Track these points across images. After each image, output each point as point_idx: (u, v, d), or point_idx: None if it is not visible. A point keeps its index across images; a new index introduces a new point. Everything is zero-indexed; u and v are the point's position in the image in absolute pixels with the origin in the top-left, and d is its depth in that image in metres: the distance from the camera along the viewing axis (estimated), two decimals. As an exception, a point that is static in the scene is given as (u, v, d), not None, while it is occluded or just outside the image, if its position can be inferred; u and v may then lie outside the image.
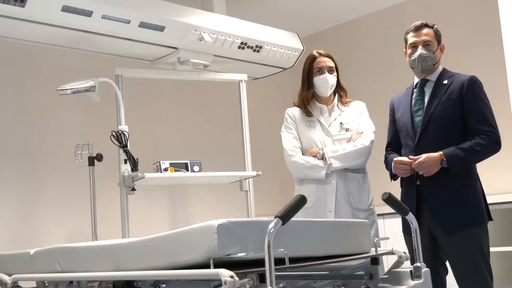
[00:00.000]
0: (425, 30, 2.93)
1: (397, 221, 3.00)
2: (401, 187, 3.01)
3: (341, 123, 3.25)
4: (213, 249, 1.74)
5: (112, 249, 2.17)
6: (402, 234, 2.96)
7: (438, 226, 2.79)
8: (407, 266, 2.20)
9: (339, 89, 3.36)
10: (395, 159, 2.90)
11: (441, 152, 2.78)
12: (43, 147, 4.34)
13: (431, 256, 2.80)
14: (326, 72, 3.25)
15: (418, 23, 2.96)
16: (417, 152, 2.86)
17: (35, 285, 2.75)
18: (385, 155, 3.11)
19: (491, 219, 2.86)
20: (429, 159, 2.77)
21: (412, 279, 2.11)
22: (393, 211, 2.21)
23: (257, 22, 4.23)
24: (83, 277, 2.31)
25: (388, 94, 5.21)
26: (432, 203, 2.81)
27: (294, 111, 3.33)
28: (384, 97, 5.22)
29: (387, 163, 3.03)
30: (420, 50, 2.91)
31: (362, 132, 3.23)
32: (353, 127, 3.25)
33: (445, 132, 2.84)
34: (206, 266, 1.76)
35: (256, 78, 4.65)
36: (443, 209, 2.78)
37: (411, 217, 2.18)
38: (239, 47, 4.04)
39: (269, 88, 5.38)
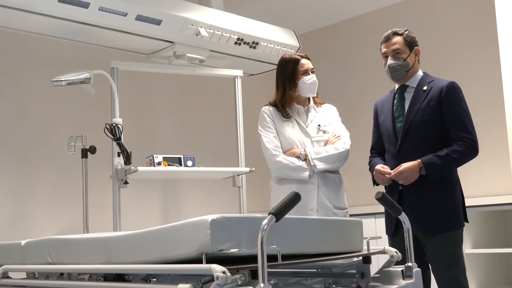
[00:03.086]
0: (394, 39, 2.97)
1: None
2: (385, 189, 3.05)
3: (318, 125, 3.28)
4: (206, 244, 1.74)
5: (104, 242, 2.17)
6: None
7: (418, 229, 2.82)
8: (398, 265, 2.20)
9: None
10: (376, 167, 2.96)
11: (419, 160, 2.83)
12: (36, 138, 4.32)
13: (416, 256, 2.84)
14: (311, 73, 3.26)
15: (388, 32, 3.01)
16: (399, 158, 2.90)
17: (25, 277, 2.75)
18: (369, 157, 3.16)
19: (467, 221, 2.92)
20: (407, 169, 2.83)
21: (403, 279, 2.12)
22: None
23: (254, 18, 4.22)
24: (74, 269, 2.30)
25: (386, 92, 5.22)
26: (412, 207, 2.83)
27: (271, 110, 3.31)
28: (381, 95, 5.24)
29: (370, 168, 3.08)
30: (388, 61, 2.98)
31: (339, 136, 3.28)
32: (329, 130, 3.30)
33: (426, 138, 2.89)
34: (198, 261, 1.76)
35: (251, 75, 4.65)
36: (423, 213, 2.83)
37: (403, 216, 2.19)
38: (236, 43, 4.04)
39: (264, 84, 5.37)
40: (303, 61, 3.26)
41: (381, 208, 3.02)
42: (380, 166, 2.94)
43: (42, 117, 4.36)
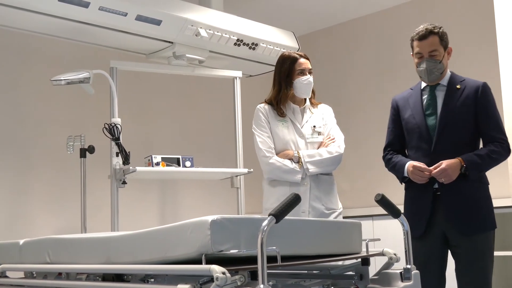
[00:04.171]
0: (430, 39, 2.85)
1: (387, 223, 3.00)
2: (406, 189, 2.99)
3: (313, 126, 3.24)
4: (206, 245, 1.74)
5: (103, 242, 2.16)
6: (391, 235, 2.97)
7: (454, 229, 2.80)
8: (397, 267, 2.20)
9: None
10: (415, 164, 2.83)
11: (460, 158, 2.78)
12: (35, 137, 4.31)
13: (441, 258, 2.85)
14: (308, 74, 3.22)
15: (422, 30, 2.87)
16: (433, 156, 2.83)
17: (23, 276, 2.74)
18: (385, 155, 3.06)
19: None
20: (450, 166, 2.76)
21: (402, 281, 2.12)
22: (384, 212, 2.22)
23: (253, 19, 4.23)
24: (73, 269, 2.30)
25: (384, 94, 5.24)
26: (449, 207, 2.81)
27: (266, 109, 3.26)
28: (380, 97, 5.26)
29: (395, 165, 2.96)
30: (425, 63, 2.86)
31: (333, 138, 3.24)
32: (324, 131, 3.26)
33: (461, 137, 2.85)
34: (197, 261, 1.76)
35: (250, 76, 4.65)
36: (461, 213, 2.80)
37: (403, 219, 2.19)
38: (235, 44, 4.04)
39: (263, 86, 5.37)
40: (301, 60, 3.21)
41: (378, 210, 3.02)
42: (417, 163, 2.83)
43: (41, 117, 4.36)
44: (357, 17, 5.52)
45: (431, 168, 2.79)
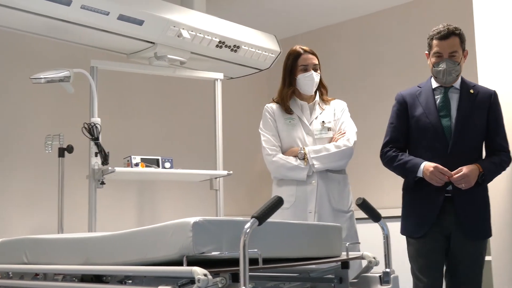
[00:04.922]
0: (451, 39, 2.82)
1: (367, 226, 3.00)
2: (406, 189, 2.97)
3: (323, 121, 3.16)
4: (187, 247, 1.73)
5: (83, 243, 2.15)
6: (372, 239, 2.98)
7: (460, 232, 2.81)
8: (376, 271, 2.22)
9: (320, 86, 3.27)
10: (437, 166, 2.77)
11: (478, 165, 2.80)
12: (13, 136, 4.25)
13: (442, 259, 2.87)
14: (311, 70, 3.17)
15: (444, 29, 2.83)
16: (449, 158, 2.81)
17: (-1, 276, 2.71)
18: (387, 151, 2.96)
19: None
20: (472, 173, 2.76)
21: (381, 284, 2.14)
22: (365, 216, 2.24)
23: (236, 22, 4.23)
24: (52, 270, 2.27)
25: (366, 97, 5.27)
26: (460, 210, 2.81)
27: (274, 108, 3.20)
28: (362, 100, 5.29)
29: (405, 163, 2.88)
30: (445, 64, 2.83)
31: (344, 133, 3.15)
32: (335, 127, 3.18)
33: (473, 140, 2.87)
34: (178, 263, 1.76)
35: (231, 78, 4.65)
36: (470, 217, 2.82)
37: (383, 223, 2.21)
38: (217, 46, 4.03)
39: (244, 88, 5.38)
40: (305, 56, 3.16)
41: (357, 214, 3.03)
42: (439, 165, 2.77)
43: (19, 115, 4.30)
44: (338, 22, 5.55)
45: (452, 172, 2.77)
